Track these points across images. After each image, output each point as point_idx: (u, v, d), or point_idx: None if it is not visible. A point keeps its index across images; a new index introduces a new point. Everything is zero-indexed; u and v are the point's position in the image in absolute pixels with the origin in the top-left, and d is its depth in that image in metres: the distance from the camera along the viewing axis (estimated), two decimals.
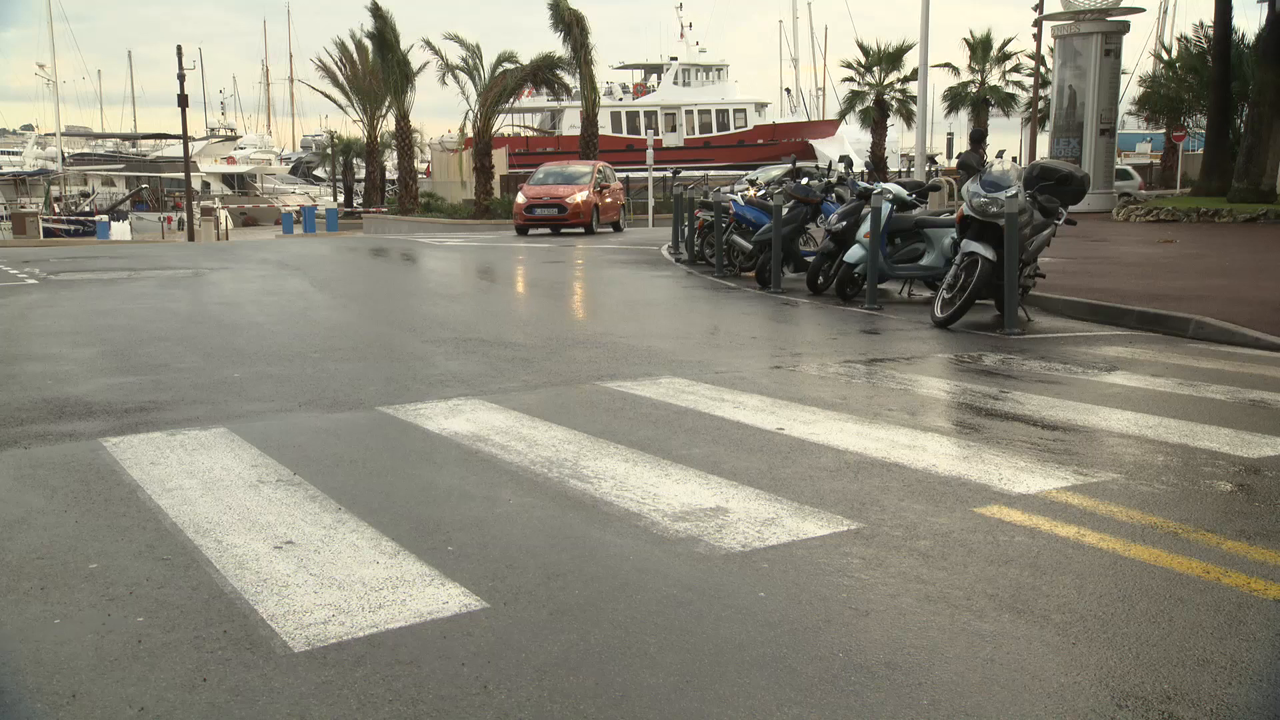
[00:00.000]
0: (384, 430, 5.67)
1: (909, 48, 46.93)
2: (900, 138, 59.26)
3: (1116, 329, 9.43)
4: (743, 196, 14.64)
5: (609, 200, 27.52)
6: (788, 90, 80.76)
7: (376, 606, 3.27)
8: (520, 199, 26.22)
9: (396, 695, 2.74)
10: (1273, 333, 8.55)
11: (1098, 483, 4.57)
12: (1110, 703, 2.69)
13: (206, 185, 57.09)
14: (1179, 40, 43.42)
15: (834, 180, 13.82)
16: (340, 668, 2.89)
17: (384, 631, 3.10)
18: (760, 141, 63.09)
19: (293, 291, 13.02)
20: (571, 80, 40.69)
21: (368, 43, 41.26)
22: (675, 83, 66.61)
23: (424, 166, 51.00)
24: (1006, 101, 51.07)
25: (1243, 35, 32.96)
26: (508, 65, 40.25)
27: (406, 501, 4.39)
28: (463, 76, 40.21)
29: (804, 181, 13.66)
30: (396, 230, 32.31)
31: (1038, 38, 42.22)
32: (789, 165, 28.45)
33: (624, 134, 61.64)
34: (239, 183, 62.63)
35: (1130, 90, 45.43)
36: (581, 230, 25.56)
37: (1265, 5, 25.34)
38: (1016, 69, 50.74)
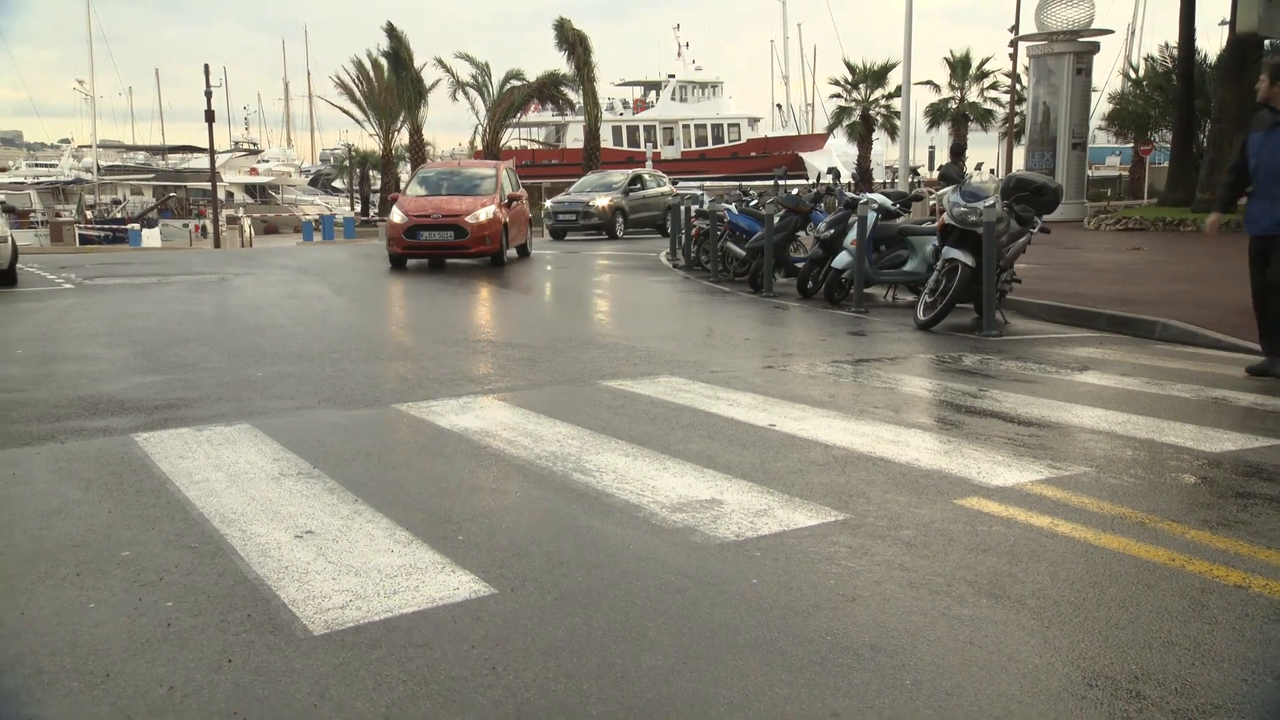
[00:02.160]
0: (398, 426, 5.67)
1: (893, 66, 46.99)
2: (885, 151, 59.32)
3: (1088, 331, 9.43)
4: (737, 205, 14.64)
5: (517, 211, 18.03)
6: (779, 106, 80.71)
7: (391, 592, 3.27)
8: (397, 216, 16.56)
9: (410, 676, 2.74)
10: (1233, 334, 8.55)
11: (1070, 476, 4.57)
12: (1081, 682, 2.70)
13: (230, 195, 56.97)
14: (1146, 60, 43.51)
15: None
16: (357, 650, 2.89)
17: (398, 616, 3.10)
18: (753, 154, 63.08)
19: (312, 296, 13.01)
20: (575, 96, 40.80)
21: (383, 61, 41.35)
22: (673, 99, 66.63)
23: None
24: (985, 117, 51.04)
25: (1205, 56, 33.07)
26: (515, 82, 40.40)
27: (419, 493, 4.39)
28: (472, 93, 40.39)
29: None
30: None
31: (1014, 57, 42.20)
32: (631, 173, 28.31)
33: (624, 147, 61.66)
34: (261, 193, 62.53)
35: (1100, 106, 45.51)
36: (489, 260, 16.84)
37: (1226, 28, 25.42)
38: (994, 86, 50.69)
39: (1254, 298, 7.38)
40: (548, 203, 27.92)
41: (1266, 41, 16.37)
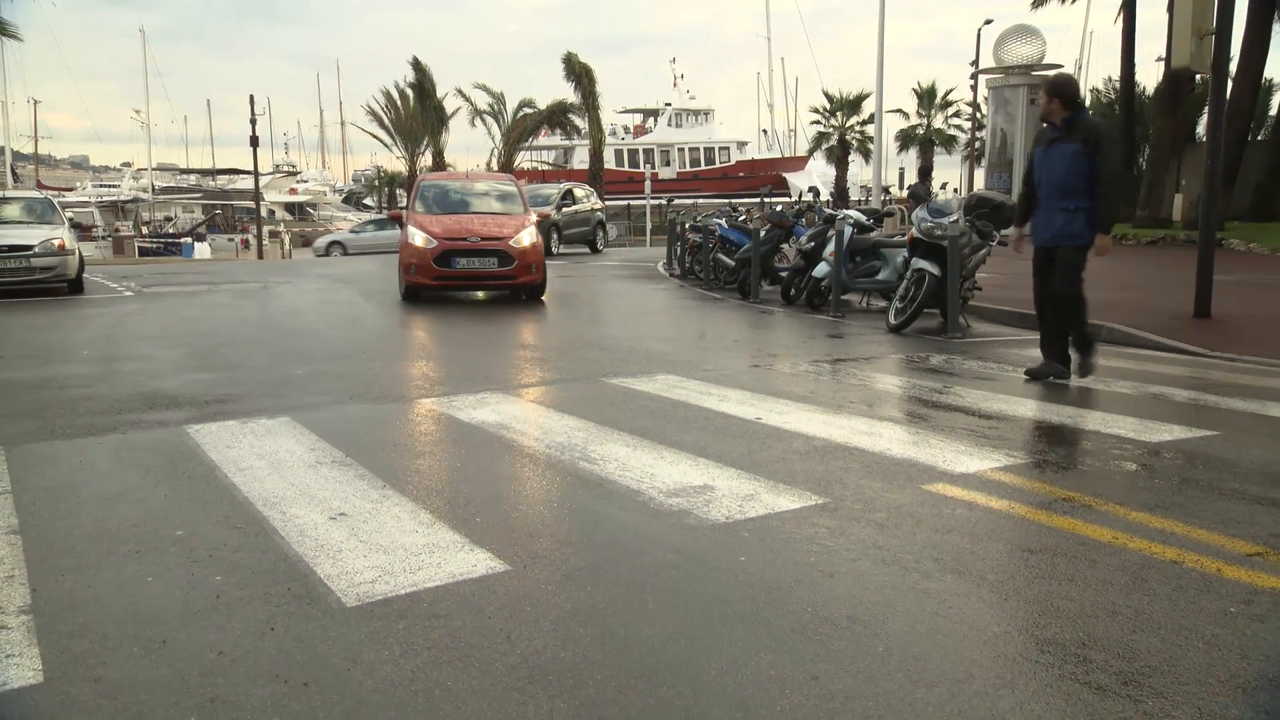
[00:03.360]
0: (422, 419, 5.67)
1: (867, 96, 47.07)
2: (860, 171, 59.25)
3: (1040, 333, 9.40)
4: (727, 220, 14.63)
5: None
6: (764, 131, 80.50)
7: (416, 569, 3.27)
8: (418, 239, 11.84)
9: (433, 643, 2.74)
10: (1170, 337, 8.55)
11: (1025, 463, 4.57)
12: (1034, 648, 2.70)
13: (272, 212, 56.86)
14: (1091, 92, 43.52)
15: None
16: (386, 620, 2.89)
17: (422, 590, 3.10)
18: (741, 175, 63.01)
19: (345, 302, 13.00)
20: (581, 122, 40.79)
21: (409, 91, 41.36)
22: (669, 124, 66.63)
23: None
24: (949, 141, 51.15)
25: (1144, 89, 33.16)
26: (527, 110, 40.40)
27: (441, 479, 4.39)
28: (489, 119, 40.37)
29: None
30: None
31: (974, 88, 42.25)
32: (564, 187, 24.52)
33: (625, 168, 61.64)
34: (299, 210, 62.40)
35: None
36: (523, 295, 12.58)
37: (1162, 63, 25.46)
38: (957, 114, 50.83)
39: (1035, 304, 6.95)
40: None
41: (1198, 76, 16.42)
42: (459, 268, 11.88)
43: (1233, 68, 20.42)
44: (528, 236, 12.18)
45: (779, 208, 15.84)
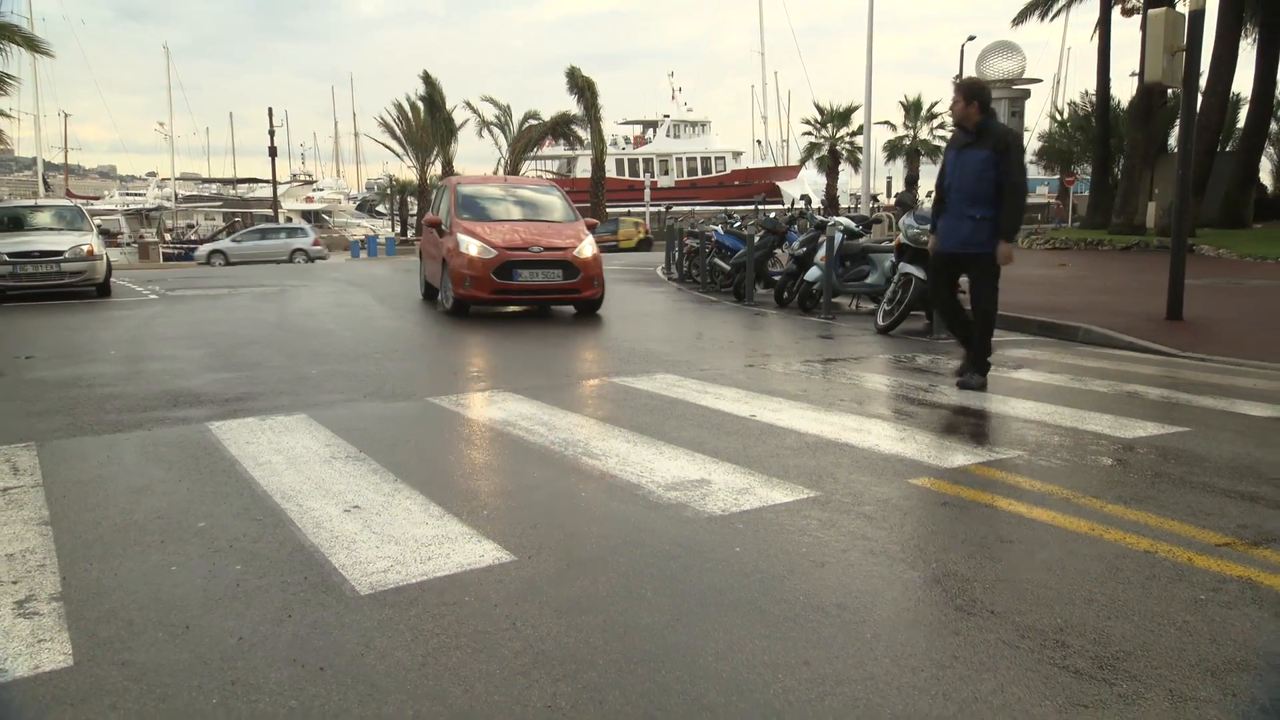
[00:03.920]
0: (432, 417, 5.67)
1: (856, 108, 47.08)
2: (849, 180, 59.28)
3: (1021, 335, 9.43)
4: (724, 227, 14.65)
5: None
6: (759, 141, 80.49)
7: (426, 559, 3.27)
8: (472, 248, 10.41)
9: (443, 630, 2.74)
10: (1144, 338, 8.56)
11: (1007, 459, 4.57)
12: (1015, 634, 2.70)
13: (289, 219, 56.95)
14: (1069, 104, 43.61)
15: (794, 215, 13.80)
16: (397, 607, 2.89)
17: (432, 579, 3.10)
18: (737, 183, 63.14)
19: (358, 304, 13.00)
20: (584, 133, 40.87)
21: (419, 104, 41.40)
22: (668, 135, 66.70)
23: None
24: (934, 152, 51.03)
25: (1119, 102, 33.28)
26: (532, 121, 40.48)
27: (450, 474, 4.39)
28: (496, 131, 40.44)
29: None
30: None
31: None
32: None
33: (626, 177, 61.70)
34: (315, 217, 62.47)
35: (1031, 144, 45.56)
36: (574, 309, 11.43)
37: (1136, 78, 25.47)
38: (942, 126, 50.74)
39: (939, 306, 6.71)
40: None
41: (1170, 90, 16.49)
42: (520, 280, 10.41)
43: (1203, 83, 20.47)
44: (589, 247, 10.81)
45: (772, 215, 15.85)
